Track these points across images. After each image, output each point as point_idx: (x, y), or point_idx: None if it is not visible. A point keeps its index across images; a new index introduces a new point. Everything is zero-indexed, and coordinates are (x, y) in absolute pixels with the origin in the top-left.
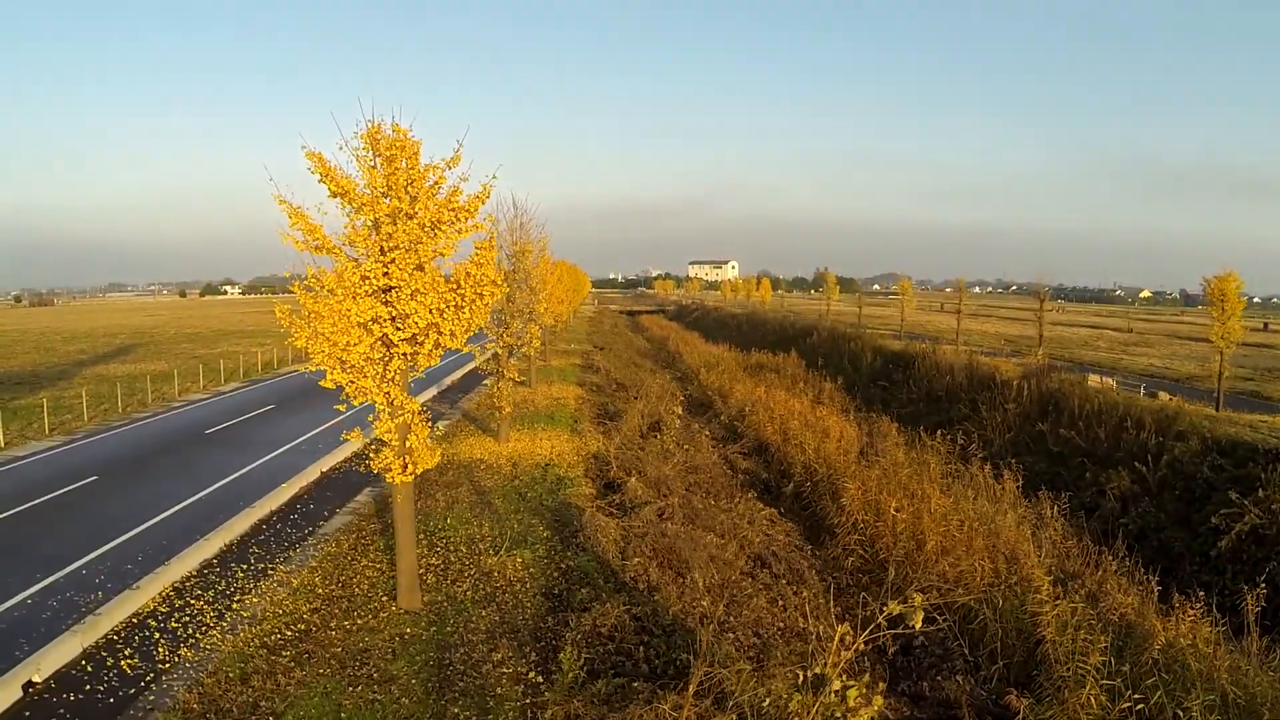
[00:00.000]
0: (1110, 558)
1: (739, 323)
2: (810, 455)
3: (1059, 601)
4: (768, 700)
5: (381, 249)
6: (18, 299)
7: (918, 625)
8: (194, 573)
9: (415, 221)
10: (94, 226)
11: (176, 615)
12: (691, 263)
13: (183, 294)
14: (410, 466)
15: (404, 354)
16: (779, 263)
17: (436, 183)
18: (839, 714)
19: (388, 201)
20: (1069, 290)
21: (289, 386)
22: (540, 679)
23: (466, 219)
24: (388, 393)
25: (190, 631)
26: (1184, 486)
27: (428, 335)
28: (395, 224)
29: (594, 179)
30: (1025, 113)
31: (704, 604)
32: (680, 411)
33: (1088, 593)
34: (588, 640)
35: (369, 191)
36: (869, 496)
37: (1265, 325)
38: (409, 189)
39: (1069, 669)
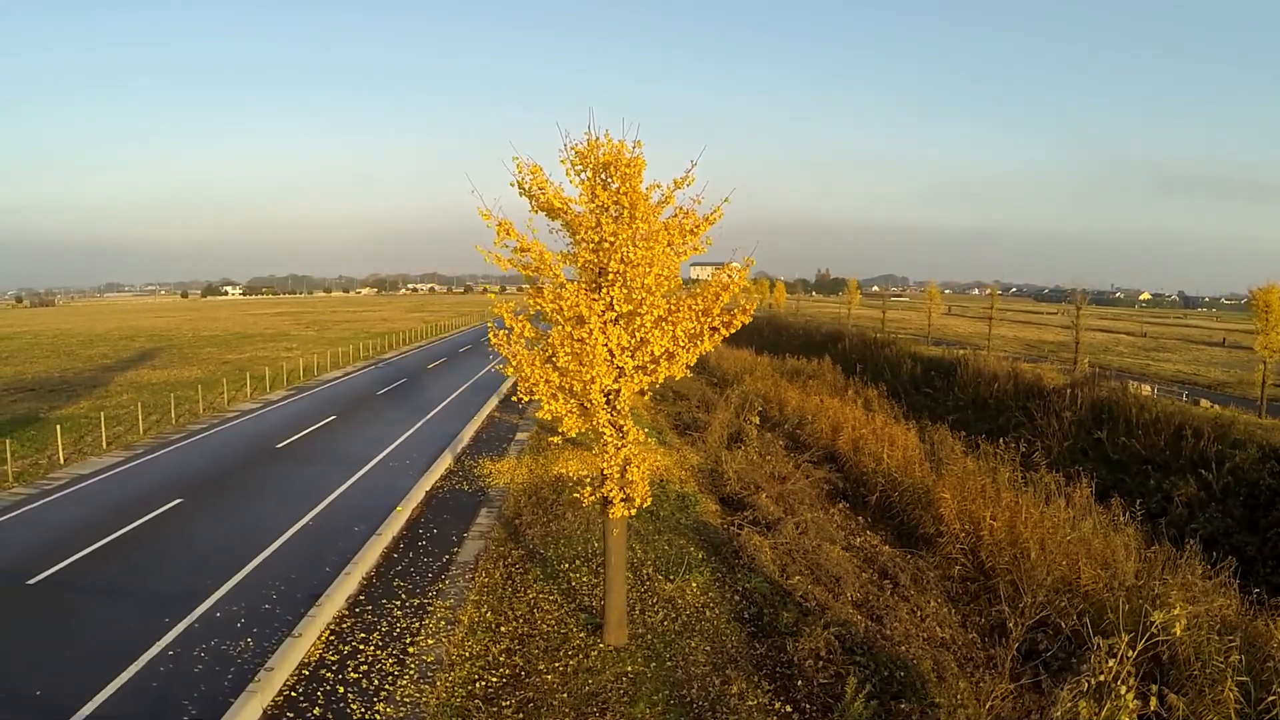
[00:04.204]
0: (1195, 561)
1: (759, 326)
2: (889, 465)
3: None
4: (1058, 711)
5: (625, 274)
6: (19, 299)
7: (1179, 632)
8: (346, 612)
9: (658, 243)
10: (89, 226)
11: (350, 663)
12: (694, 264)
13: (184, 294)
14: (636, 499)
15: (633, 383)
16: (776, 264)
17: (663, 201)
18: (1123, 717)
19: (628, 224)
20: (1067, 293)
21: (341, 395)
22: (790, 709)
23: (691, 241)
24: (618, 424)
25: (376, 682)
26: (1247, 493)
27: (658, 363)
28: (652, 248)
29: None
30: (1024, 114)
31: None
32: (758, 422)
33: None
34: (816, 666)
35: (604, 211)
36: (963, 506)
37: None
38: (642, 208)
39: (1199, 668)
